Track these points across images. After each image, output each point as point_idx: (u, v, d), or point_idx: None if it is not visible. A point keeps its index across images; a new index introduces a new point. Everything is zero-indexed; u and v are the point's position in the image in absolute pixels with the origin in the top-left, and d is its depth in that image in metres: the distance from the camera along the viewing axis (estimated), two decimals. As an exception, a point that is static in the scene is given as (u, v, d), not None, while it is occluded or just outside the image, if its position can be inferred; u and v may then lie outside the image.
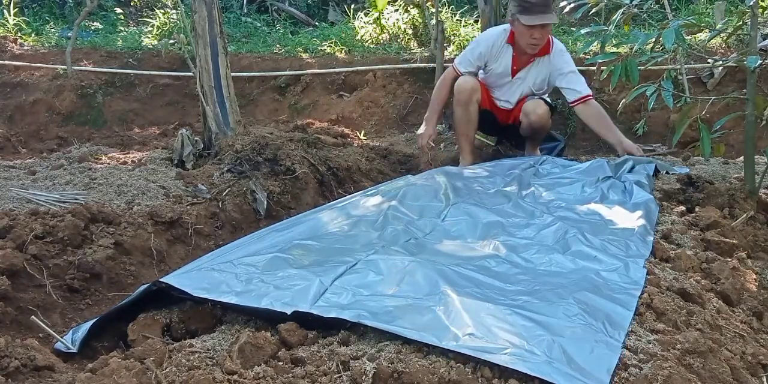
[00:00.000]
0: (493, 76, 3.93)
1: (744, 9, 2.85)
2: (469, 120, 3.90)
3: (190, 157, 3.62)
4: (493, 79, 3.95)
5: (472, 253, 2.34)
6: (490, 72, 3.93)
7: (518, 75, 3.87)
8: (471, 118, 3.89)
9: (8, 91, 5.57)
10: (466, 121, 3.90)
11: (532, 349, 1.59)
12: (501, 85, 3.95)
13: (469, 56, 3.92)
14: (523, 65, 3.84)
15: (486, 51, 3.85)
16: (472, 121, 3.90)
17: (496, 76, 3.92)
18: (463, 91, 3.85)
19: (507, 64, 3.85)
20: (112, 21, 7.30)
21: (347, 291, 1.91)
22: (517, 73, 3.86)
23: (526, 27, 3.60)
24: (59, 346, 1.99)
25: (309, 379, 1.55)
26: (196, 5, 3.65)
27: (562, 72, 3.79)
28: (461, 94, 3.86)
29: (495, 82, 3.96)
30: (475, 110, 3.88)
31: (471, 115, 3.89)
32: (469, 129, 3.93)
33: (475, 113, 3.89)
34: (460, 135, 3.99)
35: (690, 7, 5.87)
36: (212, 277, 2.07)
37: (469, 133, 3.95)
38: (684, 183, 3.16)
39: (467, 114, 3.88)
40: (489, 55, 3.85)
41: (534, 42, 3.67)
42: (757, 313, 2.17)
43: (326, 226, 2.63)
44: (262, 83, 5.79)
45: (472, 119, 3.90)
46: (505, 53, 3.83)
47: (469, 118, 3.89)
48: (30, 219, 2.54)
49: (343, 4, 7.67)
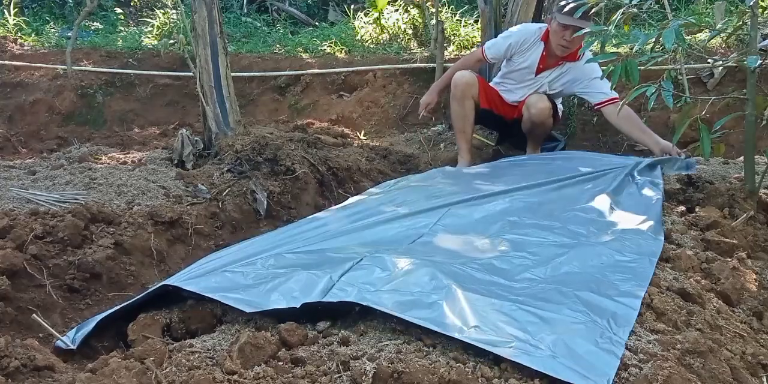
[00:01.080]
0: (517, 70, 3.92)
1: (744, 9, 2.85)
2: (464, 116, 3.89)
3: (190, 157, 3.62)
4: (516, 74, 3.94)
5: (476, 251, 2.34)
6: (515, 66, 3.92)
7: (542, 74, 3.86)
8: (467, 114, 3.88)
9: (8, 91, 5.57)
10: (462, 117, 3.89)
11: (537, 343, 1.60)
12: (521, 81, 3.93)
13: (500, 43, 3.91)
14: (550, 66, 3.84)
15: (516, 43, 3.84)
16: (468, 117, 3.89)
17: (520, 71, 3.91)
18: (458, 85, 3.85)
19: (534, 61, 3.84)
20: (112, 21, 7.30)
21: (353, 287, 1.92)
22: (541, 72, 3.85)
23: (561, 26, 3.62)
24: (59, 344, 1.99)
25: (309, 379, 1.55)
26: (196, 5, 3.65)
27: (590, 77, 3.76)
28: (456, 88, 3.86)
29: (517, 77, 3.94)
30: (471, 106, 3.87)
31: (467, 111, 3.87)
32: (466, 125, 3.91)
33: (471, 109, 3.88)
34: (458, 132, 3.98)
35: (690, 7, 5.87)
36: (225, 278, 2.09)
37: (465, 130, 3.93)
38: (684, 183, 3.16)
39: (463, 109, 3.87)
40: (518, 48, 3.84)
41: (564, 43, 3.67)
42: (757, 313, 2.17)
43: (331, 226, 2.64)
44: (262, 83, 5.79)
45: (467, 115, 3.88)
46: (535, 50, 3.83)
47: (465, 114, 3.88)
48: (30, 219, 2.54)
49: (343, 4, 7.67)
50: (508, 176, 3.39)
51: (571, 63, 3.81)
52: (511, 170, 3.55)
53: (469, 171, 3.63)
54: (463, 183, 3.26)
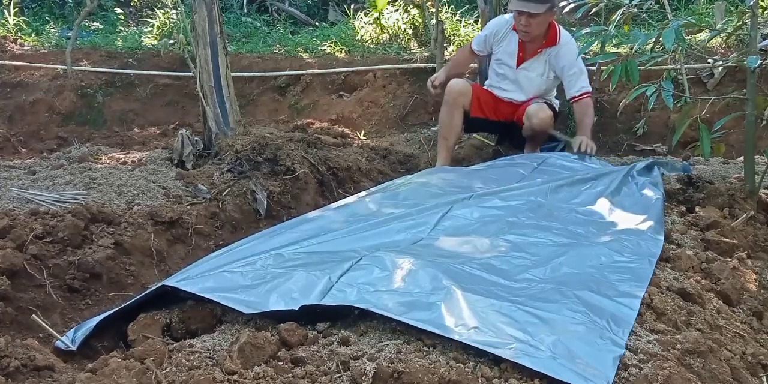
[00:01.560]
0: (503, 63, 3.96)
1: (744, 9, 2.85)
2: (450, 124, 3.90)
3: (190, 157, 3.62)
4: (503, 68, 3.97)
5: (476, 251, 2.33)
6: (498, 59, 3.96)
7: (523, 65, 3.88)
8: (453, 123, 3.90)
9: (8, 91, 5.57)
10: (448, 124, 3.91)
11: (536, 344, 1.60)
12: (508, 73, 3.95)
13: (480, 36, 4.02)
14: (530, 55, 3.85)
15: (491, 34, 3.92)
16: (453, 126, 3.91)
17: (504, 63, 3.94)
18: (450, 92, 3.88)
19: (513, 51, 3.87)
20: (112, 21, 7.30)
21: (353, 287, 1.92)
22: (522, 62, 3.87)
23: (516, 13, 3.70)
24: (59, 344, 1.99)
25: (309, 379, 1.55)
26: (196, 5, 3.65)
27: (567, 70, 3.80)
28: (449, 94, 3.89)
29: (503, 71, 3.97)
30: (459, 117, 3.89)
31: (454, 121, 3.89)
32: (450, 133, 3.93)
33: (459, 119, 3.89)
34: (440, 137, 3.98)
35: (690, 7, 5.87)
36: (224, 278, 2.09)
37: (449, 138, 3.93)
38: (684, 183, 3.17)
39: (450, 118, 3.89)
40: (494, 39, 3.91)
41: (521, 28, 3.72)
42: (757, 313, 2.17)
43: (330, 226, 2.63)
44: (262, 83, 5.79)
45: (454, 124, 3.90)
46: (511, 39, 3.87)
47: (452, 123, 3.90)
48: (30, 219, 2.54)
49: (343, 4, 7.67)
50: (507, 176, 3.38)
51: (550, 48, 3.82)
52: (509, 170, 3.54)
53: (468, 171, 3.63)
54: (463, 183, 3.26)
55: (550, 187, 3.09)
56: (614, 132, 4.81)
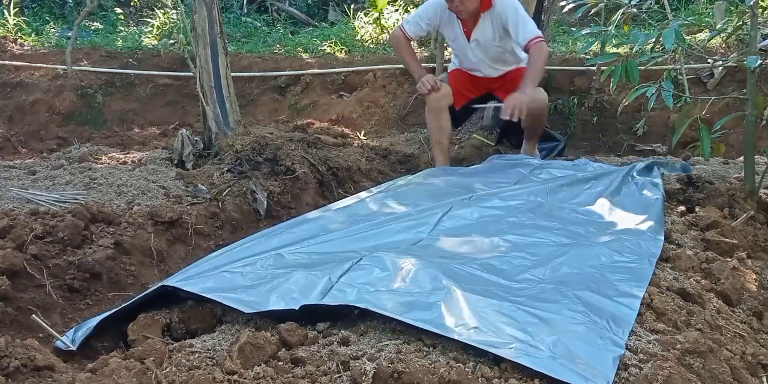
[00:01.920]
0: (454, 42, 3.96)
1: (744, 9, 2.86)
2: (440, 128, 3.90)
3: (190, 157, 3.62)
4: (456, 45, 3.98)
5: (476, 251, 2.34)
6: (450, 39, 3.98)
7: (473, 37, 3.84)
8: (442, 126, 3.90)
9: (8, 91, 5.58)
10: (437, 129, 3.90)
11: (537, 344, 1.60)
12: (464, 50, 3.93)
13: (417, 17, 3.93)
14: (473, 26, 3.81)
15: (434, 16, 3.86)
16: (444, 128, 3.90)
17: (457, 43, 3.94)
18: (433, 99, 3.85)
19: (459, 29, 3.85)
20: (112, 21, 7.31)
21: (353, 287, 1.92)
22: (471, 34, 3.84)
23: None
24: (59, 344, 1.99)
25: (309, 379, 1.55)
26: (196, 5, 3.65)
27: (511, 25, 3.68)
28: (432, 103, 3.86)
29: (460, 49, 3.97)
30: (447, 118, 3.88)
31: (442, 123, 3.89)
32: (442, 137, 3.92)
33: (447, 120, 3.89)
34: (434, 144, 3.97)
35: (690, 7, 5.87)
36: (224, 278, 2.09)
37: (442, 141, 3.93)
38: (684, 183, 3.17)
39: (438, 122, 3.88)
40: (438, 21, 3.87)
41: (457, 9, 3.68)
42: (757, 313, 2.17)
43: (330, 226, 2.63)
44: (262, 83, 5.79)
45: (443, 127, 3.90)
46: (451, 20, 3.85)
47: (441, 126, 3.89)
48: (30, 219, 2.54)
49: (343, 4, 7.67)
50: (507, 176, 3.39)
51: (487, 11, 3.75)
52: (510, 170, 3.54)
53: (468, 171, 3.63)
54: (463, 183, 3.26)
55: (550, 187, 3.10)
56: (614, 132, 4.82)
